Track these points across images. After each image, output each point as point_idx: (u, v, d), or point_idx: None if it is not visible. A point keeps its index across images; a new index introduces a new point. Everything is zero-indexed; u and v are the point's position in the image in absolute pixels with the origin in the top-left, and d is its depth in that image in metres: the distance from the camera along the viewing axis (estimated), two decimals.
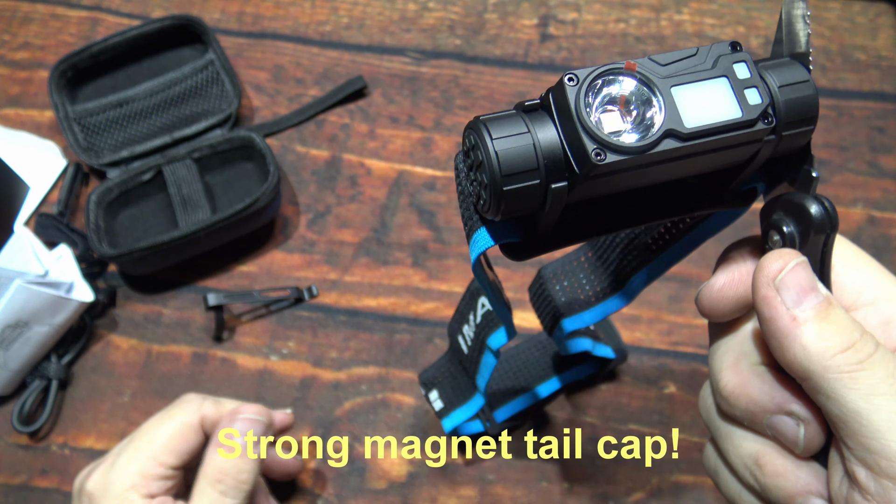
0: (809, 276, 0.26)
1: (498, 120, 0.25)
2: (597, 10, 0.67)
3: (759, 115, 0.25)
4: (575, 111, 0.24)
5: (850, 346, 0.25)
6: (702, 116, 0.24)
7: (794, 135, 0.25)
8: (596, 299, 0.37)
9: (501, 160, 0.24)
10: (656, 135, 0.24)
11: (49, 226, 0.58)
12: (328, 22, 0.68)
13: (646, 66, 0.25)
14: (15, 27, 0.69)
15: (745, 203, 0.28)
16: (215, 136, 0.60)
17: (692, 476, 0.50)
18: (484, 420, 0.51)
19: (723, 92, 0.25)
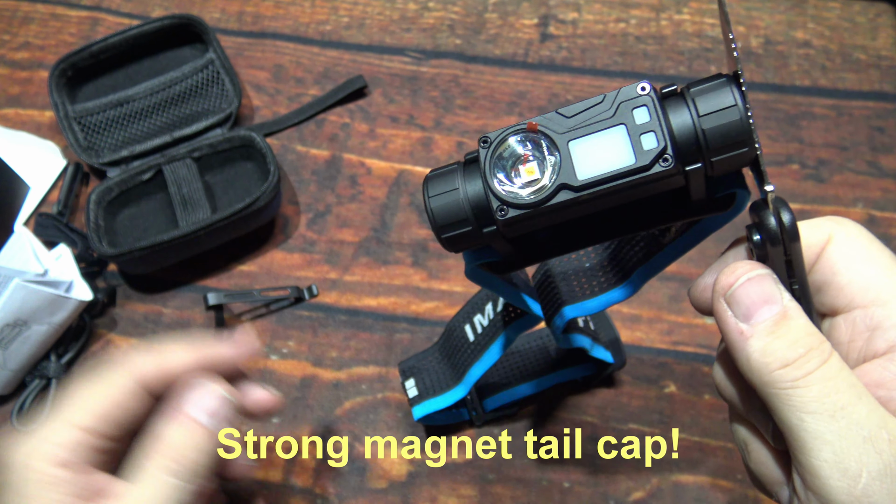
0: (764, 290, 0.26)
1: (438, 177, 0.28)
2: (597, 9, 0.67)
3: (653, 159, 0.25)
4: (483, 172, 0.27)
5: (792, 361, 0.25)
6: (594, 167, 0.26)
7: (727, 159, 0.26)
8: (600, 289, 0.38)
9: (436, 215, 0.28)
10: (550, 189, 0.26)
11: (49, 225, 0.58)
12: (328, 21, 0.68)
13: (551, 121, 0.27)
14: (15, 27, 0.68)
15: (723, 209, 0.29)
16: (215, 136, 0.60)
17: (692, 476, 0.50)
18: (471, 409, 0.51)
19: (619, 140, 0.26)
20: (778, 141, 0.61)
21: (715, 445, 0.51)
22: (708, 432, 0.51)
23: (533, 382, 0.51)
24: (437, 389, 0.47)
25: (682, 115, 0.26)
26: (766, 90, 0.63)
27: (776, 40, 0.65)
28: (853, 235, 0.29)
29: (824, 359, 0.25)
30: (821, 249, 0.29)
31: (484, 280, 0.33)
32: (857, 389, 0.25)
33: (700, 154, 0.26)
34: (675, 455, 0.51)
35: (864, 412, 0.24)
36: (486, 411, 0.51)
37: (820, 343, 0.25)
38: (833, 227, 0.29)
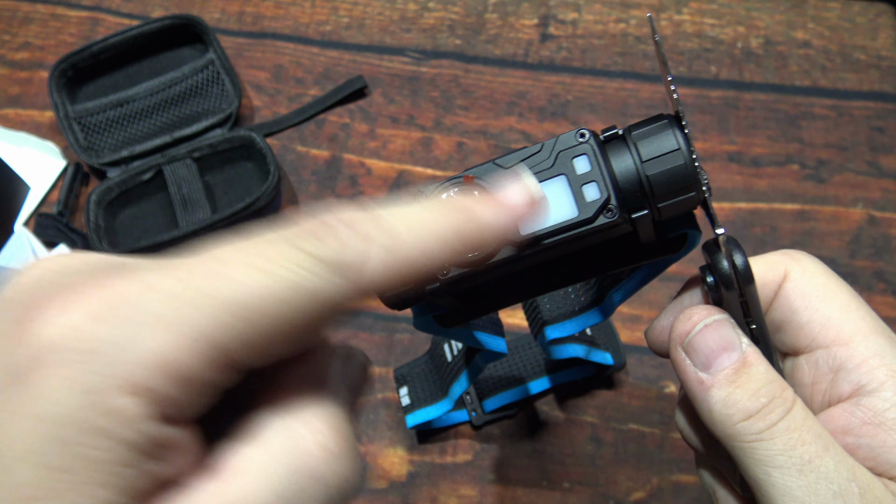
0: (722, 336, 0.25)
1: None
2: (597, 10, 0.67)
3: (597, 211, 0.24)
4: None
5: (755, 412, 0.24)
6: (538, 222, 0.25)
7: (674, 204, 0.25)
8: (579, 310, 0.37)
9: None
10: (492, 247, 0.24)
11: (49, 226, 0.58)
12: (328, 22, 0.68)
13: (488, 173, 0.25)
14: (15, 27, 0.68)
15: (675, 251, 0.28)
16: (215, 136, 0.60)
17: (692, 476, 0.50)
18: (470, 410, 0.52)
19: (560, 192, 0.25)
20: (778, 141, 0.61)
21: None
22: None
23: (532, 383, 0.52)
24: (427, 399, 0.48)
25: (625, 160, 0.25)
26: (766, 90, 0.63)
27: (776, 40, 0.65)
28: (810, 271, 0.28)
29: (788, 408, 0.24)
30: (777, 287, 0.28)
31: (437, 330, 0.32)
32: (823, 440, 0.24)
33: (646, 200, 0.25)
34: (674, 455, 0.51)
35: (832, 465, 0.23)
36: (485, 412, 0.52)
37: (782, 391, 0.24)
38: (788, 264, 0.28)
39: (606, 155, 0.25)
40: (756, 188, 0.59)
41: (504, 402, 0.51)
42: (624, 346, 0.53)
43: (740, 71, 0.64)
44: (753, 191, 0.59)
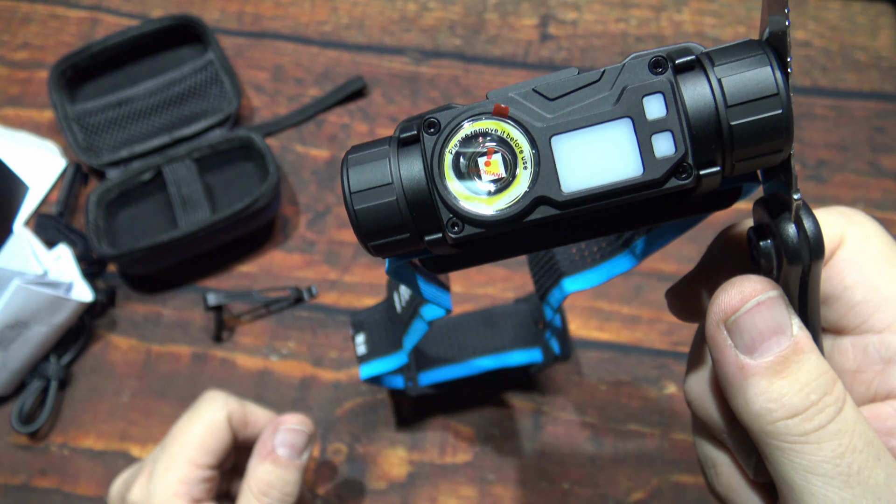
0: (775, 317, 0.21)
1: (364, 163, 0.21)
2: (597, 10, 0.67)
3: (667, 172, 0.19)
4: (429, 171, 0.20)
5: (802, 411, 0.21)
6: (587, 176, 0.20)
7: (755, 161, 0.20)
8: (602, 258, 0.32)
9: (361, 220, 0.21)
10: (524, 202, 0.20)
11: (48, 226, 0.58)
12: (328, 22, 0.68)
13: (526, 103, 0.20)
14: (15, 27, 0.68)
15: (725, 205, 0.23)
16: (215, 136, 0.60)
17: (692, 476, 0.50)
18: (407, 378, 0.49)
19: (622, 140, 0.19)
20: None
21: None
22: None
23: (471, 364, 0.50)
24: (383, 350, 0.45)
25: (703, 100, 0.19)
26: None
27: None
28: (871, 239, 0.24)
29: (839, 408, 0.21)
30: (830, 253, 0.24)
31: (409, 279, 0.27)
32: (875, 448, 0.21)
33: (720, 153, 0.20)
34: (674, 455, 0.51)
35: (883, 477, 0.20)
36: (420, 385, 0.50)
37: (833, 386, 0.21)
38: (846, 228, 0.24)
39: (681, 92, 0.19)
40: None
41: (441, 378, 0.50)
42: (599, 343, 0.53)
43: None
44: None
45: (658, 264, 0.56)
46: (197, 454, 0.40)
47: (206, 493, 0.41)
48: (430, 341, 0.50)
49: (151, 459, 0.42)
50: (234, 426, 0.42)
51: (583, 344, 0.54)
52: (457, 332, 0.51)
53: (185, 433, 0.41)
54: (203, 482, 0.40)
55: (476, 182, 0.20)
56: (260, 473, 0.40)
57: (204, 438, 0.41)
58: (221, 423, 0.41)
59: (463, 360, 0.50)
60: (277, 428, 0.42)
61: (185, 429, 0.41)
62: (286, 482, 0.40)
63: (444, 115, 0.20)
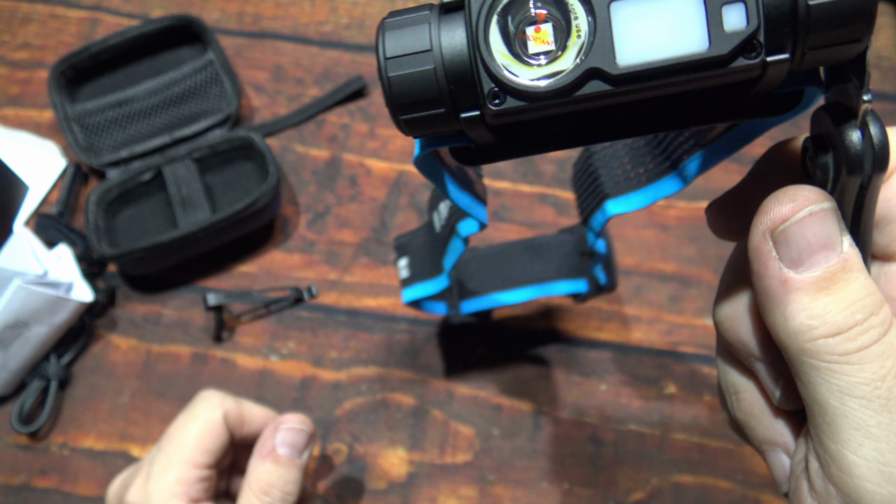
0: (826, 231, 0.20)
1: (402, 27, 0.19)
2: None
3: (736, 48, 0.18)
4: (473, 35, 0.19)
5: (846, 329, 0.20)
6: (646, 49, 0.18)
7: (829, 51, 0.18)
8: (647, 179, 0.30)
9: (395, 88, 0.19)
10: (575, 73, 0.18)
11: (49, 226, 0.58)
12: (328, 22, 0.68)
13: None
14: (15, 27, 0.68)
15: (784, 110, 0.21)
16: (215, 136, 0.60)
17: (692, 476, 0.50)
18: (450, 305, 0.49)
19: (689, 9, 0.18)
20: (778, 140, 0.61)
21: (715, 445, 0.51)
22: (708, 432, 0.51)
23: (514, 292, 0.49)
24: (425, 274, 0.44)
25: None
26: None
27: None
28: None
29: (885, 330, 0.20)
30: (890, 173, 0.23)
31: (436, 175, 0.25)
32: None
33: (793, 39, 0.18)
34: (675, 455, 0.51)
35: None
36: (462, 313, 0.49)
37: (881, 307, 0.20)
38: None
39: None
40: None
41: (482, 307, 0.49)
42: (599, 343, 0.53)
43: None
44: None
45: (658, 264, 0.56)
46: (194, 454, 0.41)
47: (203, 492, 0.41)
48: (474, 270, 0.49)
49: (148, 460, 0.42)
50: (231, 425, 0.43)
51: (583, 344, 0.54)
52: (500, 262, 0.49)
53: (181, 433, 0.41)
54: (200, 482, 0.41)
55: (523, 52, 0.19)
56: (261, 473, 0.40)
57: (200, 438, 0.41)
58: (218, 423, 0.42)
59: (507, 288, 0.49)
60: (278, 427, 0.42)
61: (182, 429, 0.42)
62: (287, 481, 0.40)
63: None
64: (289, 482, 0.40)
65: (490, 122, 0.20)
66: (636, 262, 0.56)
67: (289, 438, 0.41)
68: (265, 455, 0.41)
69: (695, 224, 0.57)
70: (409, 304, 0.46)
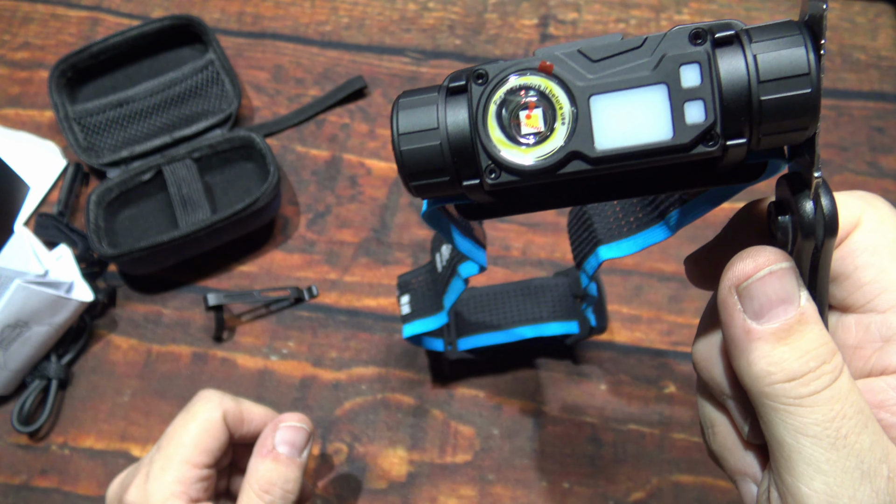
0: (785, 287, 0.23)
1: (414, 107, 0.23)
2: (597, 10, 0.67)
3: (696, 138, 0.20)
4: (473, 119, 0.22)
5: (800, 375, 0.22)
6: (620, 136, 0.21)
7: (780, 137, 0.21)
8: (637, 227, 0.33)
9: (406, 160, 0.23)
10: (559, 155, 0.21)
11: (49, 226, 0.58)
12: (328, 22, 0.68)
13: (570, 63, 0.21)
14: (15, 27, 0.68)
15: (750, 178, 0.24)
16: (215, 136, 0.60)
17: (692, 476, 0.50)
18: (447, 342, 0.51)
19: (656, 105, 0.21)
20: None
21: None
22: None
23: (510, 331, 0.51)
24: (426, 311, 0.46)
25: (737, 74, 0.20)
26: None
27: None
28: (887, 223, 0.25)
29: (835, 377, 0.22)
30: (845, 234, 0.25)
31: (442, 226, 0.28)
32: (863, 416, 0.22)
33: (748, 126, 0.21)
34: (674, 455, 0.51)
35: (868, 443, 0.22)
36: (458, 349, 0.51)
37: (832, 356, 0.23)
38: (864, 210, 0.25)
39: (717, 64, 0.21)
40: (756, 188, 0.59)
41: (479, 344, 0.51)
42: (598, 343, 0.54)
43: None
44: (754, 190, 0.59)
45: (658, 264, 0.56)
46: (193, 454, 0.41)
47: (203, 492, 0.41)
48: (471, 308, 0.51)
49: (147, 460, 0.42)
50: (230, 424, 0.43)
51: (583, 344, 0.54)
52: (497, 301, 0.52)
53: (180, 433, 0.41)
54: (200, 481, 0.41)
55: (516, 133, 0.22)
56: (261, 472, 0.40)
57: (200, 438, 0.41)
58: (217, 422, 0.42)
59: (502, 328, 0.51)
60: (277, 426, 0.42)
61: (181, 429, 0.42)
62: (287, 479, 0.40)
63: (493, 67, 0.22)
64: (289, 480, 0.40)
65: (488, 190, 0.23)
66: (636, 262, 0.56)
67: (288, 437, 0.41)
68: (265, 453, 0.41)
69: (694, 225, 0.57)
70: (409, 340, 0.48)
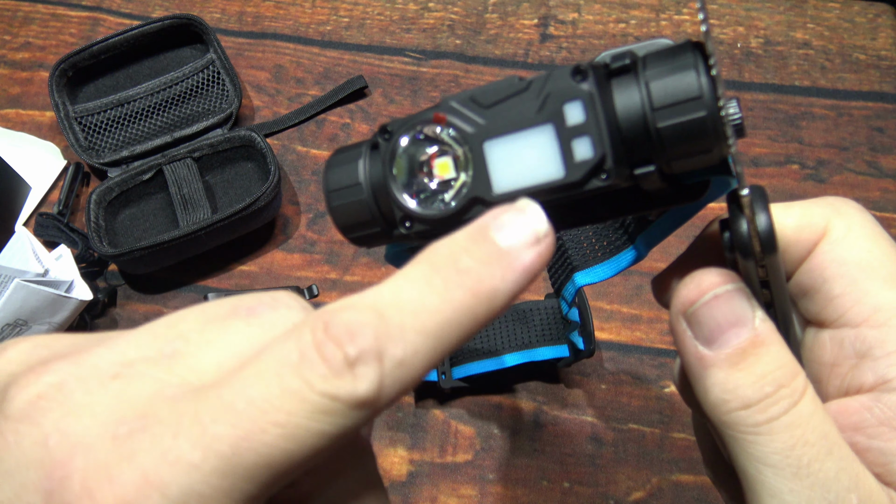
0: (734, 310, 0.21)
1: (340, 165, 0.23)
2: (597, 10, 0.67)
3: (587, 174, 0.20)
4: (384, 174, 0.22)
5: (755, 403, 0.21)
6: (514, 179, 0.21)
7: (688, 162, 0.21)
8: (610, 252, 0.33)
9: (336, 215, 0.24)
10: (462, 202, 0.21)
11: (49, 225, 0.58)
12: (328, 22, 0.68)
13: (464, 111, 0.21)
14: (15, 27, 0.69)
15: (694, 198, 0.23)
16: (216, 136, 0.60)
17: (692, 476, 0.50)
18: (440, 372, 0.51)
19: (545, 144, 0.21)
20: (777, 141, 0.61)
21: None
22: None
23: (501, 358, 0.51)
24: None
25: (632, 101, 0.20)
26: (765, 90, 0.63)
27: (776, 41, 0.65)
28: (855, 232, 0.24)
29: (794, 400, 0.21)
30: (812, 245, 0.24)
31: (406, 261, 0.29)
32: (828, 441, 0.21)
33: (653, 153, 0.20)
34: (674, 455, 0.51)
35: (833, 471, 0.21)
36: (453, 378, 0.52)
37: (792, 379, 0.21)
38: (831, 219, 0.24)
39: (610, 94, 0.20)
40: None
41: (472, 372, 0.51)
42: (598, 343, 0.54)
43: (740, 71, 0.64)
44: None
45: (658, 264, 0.56)
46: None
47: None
48: None
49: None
50: None
51: None
52: (488, 327, 0.51)
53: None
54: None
55: (428, 182, 0.22)
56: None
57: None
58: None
59: (493, 354, 0.51)
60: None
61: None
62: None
63: (397, 122, 0.22)
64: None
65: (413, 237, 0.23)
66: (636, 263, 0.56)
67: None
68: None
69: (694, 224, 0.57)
70: None
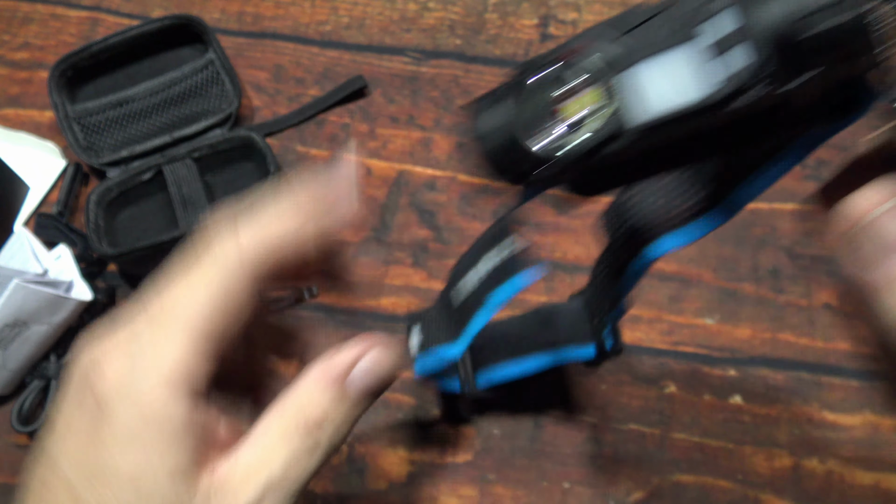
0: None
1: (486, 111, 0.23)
2: (597, 10, 0.67)
3: (748, 80, 0.19)
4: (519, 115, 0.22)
5: None
6: (664, 102, 0.20)
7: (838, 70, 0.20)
8: (692, 215, 0.30)
9: (490, 159, 0.24)
10: (601, 134, 0.21)
11: (48, 226, 0.58)
12: (328, 22, 0.68)
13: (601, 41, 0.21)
14: (15, 27, 0.68)
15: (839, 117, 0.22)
16: (215, 136, 0.60)
17: (692, 476, 0.50)
18: (463, 381, 0.48)
19: (692, 61, 0.20)
20: None
21: (715, 445, 0.51)
22: (708, 432, 0.51)
23: (527, 359, 0.49)
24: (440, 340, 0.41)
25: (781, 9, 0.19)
26: None
27: None
28: None
29: None
30: None
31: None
32: None
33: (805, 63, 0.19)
34: (675, 455, 0.51)
35: None
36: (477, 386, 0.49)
37: None
38: None
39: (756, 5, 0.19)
40: None
41: (498, 377, 0.49)
42: (624, 344, 0.53)
43: None
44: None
45: (658, 264, 0.55)
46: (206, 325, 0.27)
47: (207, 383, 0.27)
48: (485, 340, 0.47)
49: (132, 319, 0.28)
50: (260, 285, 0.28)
51: None
52: (511, 330, 0.50)
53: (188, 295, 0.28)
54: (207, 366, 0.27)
55: (558, 121, 0.22)
56: (317, 401, 0.27)
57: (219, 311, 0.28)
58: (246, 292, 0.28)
59: (518, 357, 0.49)
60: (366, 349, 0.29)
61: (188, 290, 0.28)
62: (346, 421, 0.28)
63: (534, 63, 0.22)
64: (348, 422, 0.28)
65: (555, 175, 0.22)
66: None
67: (373, 368, 0.29)
68: (332, 380, 0.28)
69: None
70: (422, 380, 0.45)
